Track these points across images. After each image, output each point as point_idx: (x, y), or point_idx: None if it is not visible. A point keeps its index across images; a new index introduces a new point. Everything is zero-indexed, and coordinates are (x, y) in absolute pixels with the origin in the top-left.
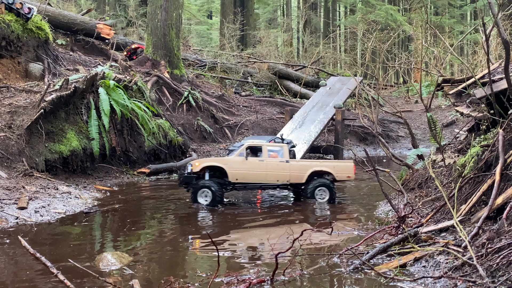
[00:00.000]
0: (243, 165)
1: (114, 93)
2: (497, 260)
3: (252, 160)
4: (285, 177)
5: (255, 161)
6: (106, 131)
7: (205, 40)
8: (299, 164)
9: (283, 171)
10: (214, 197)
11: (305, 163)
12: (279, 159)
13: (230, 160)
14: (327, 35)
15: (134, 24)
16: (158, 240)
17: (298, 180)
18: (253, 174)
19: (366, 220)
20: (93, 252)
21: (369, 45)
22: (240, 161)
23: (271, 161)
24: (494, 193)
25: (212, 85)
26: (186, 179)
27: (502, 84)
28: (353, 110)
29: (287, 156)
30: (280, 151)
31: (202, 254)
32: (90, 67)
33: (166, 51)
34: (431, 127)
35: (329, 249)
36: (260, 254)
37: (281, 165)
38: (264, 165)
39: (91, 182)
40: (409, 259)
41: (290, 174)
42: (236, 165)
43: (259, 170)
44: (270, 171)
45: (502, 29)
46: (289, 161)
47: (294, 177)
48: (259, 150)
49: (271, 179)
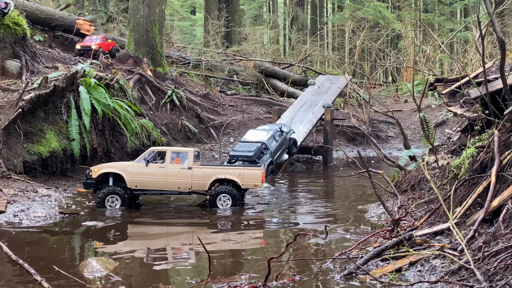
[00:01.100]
0: (142, 171)
1: (95, 91)
2: (495, 264)
3: (153, 166)
4: (186, 185)
5: (155, 167)
6: (87, 131)
7: (188, 36)
8: (202, 172)
9: (184, 178)
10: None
11: (208, 170)
12: (180, 165)
13: (130, 166)
14: (314, 33)
15: (115, 20)
16: (144, 244)
17: (201, 188)
18: (153, 181)
19: (359, 224)
20: (76, 258)
21: (358, 43)
22: (139, 167)
23: (172, 168)
24: (490, 195)
25: (196, 84)
26: (85, 185)
27: (497, 84)
28: (342, 110)
29: (191, 162)
30: (185, 156)
31: (191, 259)
32: (69, 64)
33: (148, 48)
34: (424, 127)
35: (323, 253)
36: (252, 259)
37: (182, 172)
38: (165, 172)
39: (72, 184)
40: (404, 263)
41: (192, 182)
42: (135, 171)
43: (159, 177)
44: (171, 178)
45: (497, 28)
46: (192, 168)
47: (196, 184)
48: (163, 155)
49: (171, 187)
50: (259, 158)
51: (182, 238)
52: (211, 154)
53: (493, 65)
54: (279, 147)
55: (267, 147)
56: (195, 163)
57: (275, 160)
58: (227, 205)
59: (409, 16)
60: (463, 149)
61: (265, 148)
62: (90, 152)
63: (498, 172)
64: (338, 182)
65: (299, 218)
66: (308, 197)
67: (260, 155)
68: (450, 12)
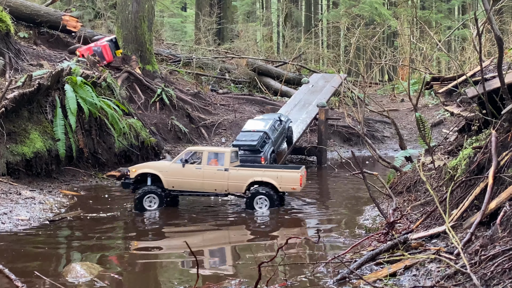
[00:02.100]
0: (179, 172)
1: (82, 90)
2: (492, 268)
3: (189, 167)
4: (222, 187)
5: (191, 168)
6: (72, 131)
7: (179, 33)
8: (238, 173)
9: (221, 180)
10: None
11: (245, 172)
12: (217, 167)
13: (167, 166)
14: (309, 30)
15: (103, 16)
16: (130, 249)
17: (237, 190)
18: (189, 182)
19: (353, 226)
20: (60, 263)
21: (353, 41)
22: (176, 167)
23: (208, 169)
24: (487, 197)
25: (187, 82)
26: (124, 185)
27: (495, 83)
28: (337, 109)
29: (227, 163)
30: (222, 157)
31: (178, 263)
32: (55, 62)
33: (137, 45)
34: (420, 127)
35: (315, 257)
36: (242, 263)
37: (219, 174)
38: (201, 173)
39: (57, 186)
40: (399, 267)
41: (229, 184)
42: (172, 172)
43: (196, 179)
44: (207, 179)
45: (495, 25)
46: (229, 169)
47: (233, 187)
48: (200, 155)
49: (208, 188)
50: (262, 147)
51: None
52: None
53: (491, 64)
54: (279, 136)
55: (268, 136)
56: (234, 162)
57: (276, 149)
58: (265, 206)
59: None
60: (460, 149)
61: (267, 137)
62: (76, 153)
63: (495, 174)
64: (332, 184)
65: (291, 220)
66: (301, 199)
67: (263, 144)
68: (447, 9)
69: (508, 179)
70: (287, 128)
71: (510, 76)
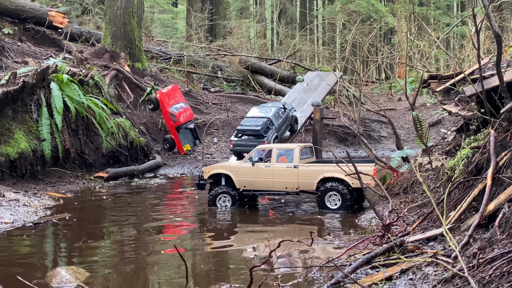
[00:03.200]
0: (249, 171)
1: (68, 88)
2: (490, 271)
3: (259, 166)
4: (293, 184)
5: (261, 166)
6: (58, 131)
7: (170, 30)
8: (308, 170)
9: (290, 177)
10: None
11: (315, 168)
12: (286, 164)
13: (237, 166)
14: (304, 27)
15: (91, 12)
16: (117, 253)
17: (308, 187)
18: (260, 181)
19: (348, 229)
20: (45, 267)
21: (349, 38)
22: (246, 167)
23: (277, 167)
24: (485, 198)
25: (178, 80)
26: (199, 186)
27: (493, 81)
28: (332, 108)
29: (297, 160)
30: (290, 154)
31: (166, 267)
32: (40, 59)
33: (126, 42)
34: (417, 127)
35: (309, 261)
36: (233, 267)
37: (288, 171)
38: (271, 171)
39: (42, 188)
40: (395, 271)
41: (299, 181)
42: (243, 171)
43: (266, 177)
44: (277, 177)
45: (493, 22)
46: (298, 166)
47: (303, 184)
48: (270, 153)
49: (278, 186)
50: (266, 132)
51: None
52: (193, 156)
53: (489, 61)
54: (283, 123)
55: (272, 123)
56: (308, 159)
57: (279, 136)
58: (336, 205)
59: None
60: (458, 149)
61: (271, 123)
62: (62, 153)
63: (494, 174)
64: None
65: (284, 223)
66: (294, 201)
67: (266, 130)
68: (446, 5)
69: (507, 179)
70: (291, 117)
71: (509, 74)
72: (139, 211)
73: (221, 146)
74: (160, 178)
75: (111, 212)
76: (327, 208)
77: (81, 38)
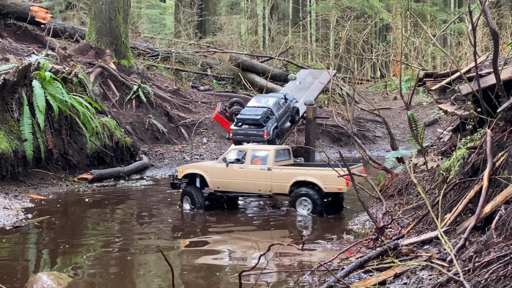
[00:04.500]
0: (224, 172)
1: (51, 86)
2: (486, 275)
3: (233, 167)
4: (266, 187)
5: (235, 168)
6: (41, 131)
7: (157, 26)
8: (282, 173)
9: (264, 180)
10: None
11: (288, 171)
12: (260, 166)
13: (211, 167)
14: (296, 23)
15: (75, 7)
16: (101, 258)
17: (281, 190)
18: (233, 182)
19: (341, 232)
20: (26, 273)
21: (343, 35)
22: (221, 168)
23: (251, 169)
24: (481, 200)
25: (166, 78)
26: (172, 185)
27: (490, 79)
28: (326, 108)
29: (271, 162)
30: (265, 156)
31: (153, 273)
32: (22, 56)
33: (112, 38)
34: (412, 126)
35: (300, 265)
36: (222, 272)
37: (262, 174)
38: (244, 173)
39: (24, 190)
40: (388, 275)
41: (272, 184)
42: (217, 172)
43: (239, 179)
44: (251, 180)
45: (490, 18)
46: (272, 168)
47: (276, 187)
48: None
49: (251, 188)
50: (265, 122)
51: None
52: (181, 156)
53: (487, 59)
54: (284, 113)
55: (272, 112)
56: (285, 161)
57: (280, 126)
58: (308, 210)
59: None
60: (454, 150)
61: (271, 113)
62: (45, 154)
63: (490, 175)
64: None
65: (275, 225)
66: (285, 203)
67: (266, 119)
68: (443, 1)
69: (504, 181)
70: (292, 107)
71: (506, 72)
72: (123, 214)
73: (210, 146)
74: (147, 180)
75: (95, 215)
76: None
77: (65, 34)
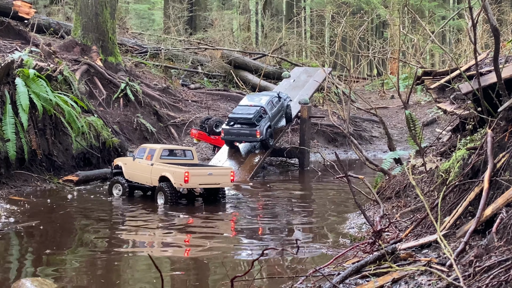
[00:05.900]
0: (132, 165)
1: (35, 84)
2: (487, 280)
3: (140, 162)
4: (148, 180)
5: (136, 162)
6: (24, 131)
7: (146, 22)
8: (156, 168)
9: (148, 173)
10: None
11: (159, 167)
12: (147, 161)
13: (128, 160)
14: (290, 19)
15: (60, 2)
16: (86, 262)
17: (155, 183)
18: (135, 174)
19: (337, 235)
20: (8, 279)
21: (339, 31)
22: (134, 162)
23: (142, 163)
24: (482, 203)
25: (155, 76)
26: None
27: (490, 78)
28: (321, 107)
29: (156, 158)
30: (153, 152)
31: (141, 278)
32: (5, 52)
33: (98, 34)
34: (410, 126)
35: (294, 270)
36: (213, 277)
37: (147, 168)
38: (140, 167)
39: (6, 192)
40: (386, 280)
41: (151, 177)
42: (130, 165)
43: (137, 171)
44: (141, 173)
45: (491, 14)
46: (154, 164)
47: (154, 180)
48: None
49: (143, 180)
50: (258, 121)
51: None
52: None
53: (487, 57)
54: (277, 112)
55: (265, 111)
56: (180, 160)
57: (273, 125)
58: (161, 202)
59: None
60: (453, 150)
61: (264, 112)
62: (29, 155)
63: (491, 177)
64: (315, 188)
65: (269, 229)
66: (281, 206)
67: (259, 119)
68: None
69: (505, 183)
70: (286, 106)
71: (507, 71)
72: (110, 217)
73: (201, 146)
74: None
75: (80, 218)
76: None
77: (49, 30)
